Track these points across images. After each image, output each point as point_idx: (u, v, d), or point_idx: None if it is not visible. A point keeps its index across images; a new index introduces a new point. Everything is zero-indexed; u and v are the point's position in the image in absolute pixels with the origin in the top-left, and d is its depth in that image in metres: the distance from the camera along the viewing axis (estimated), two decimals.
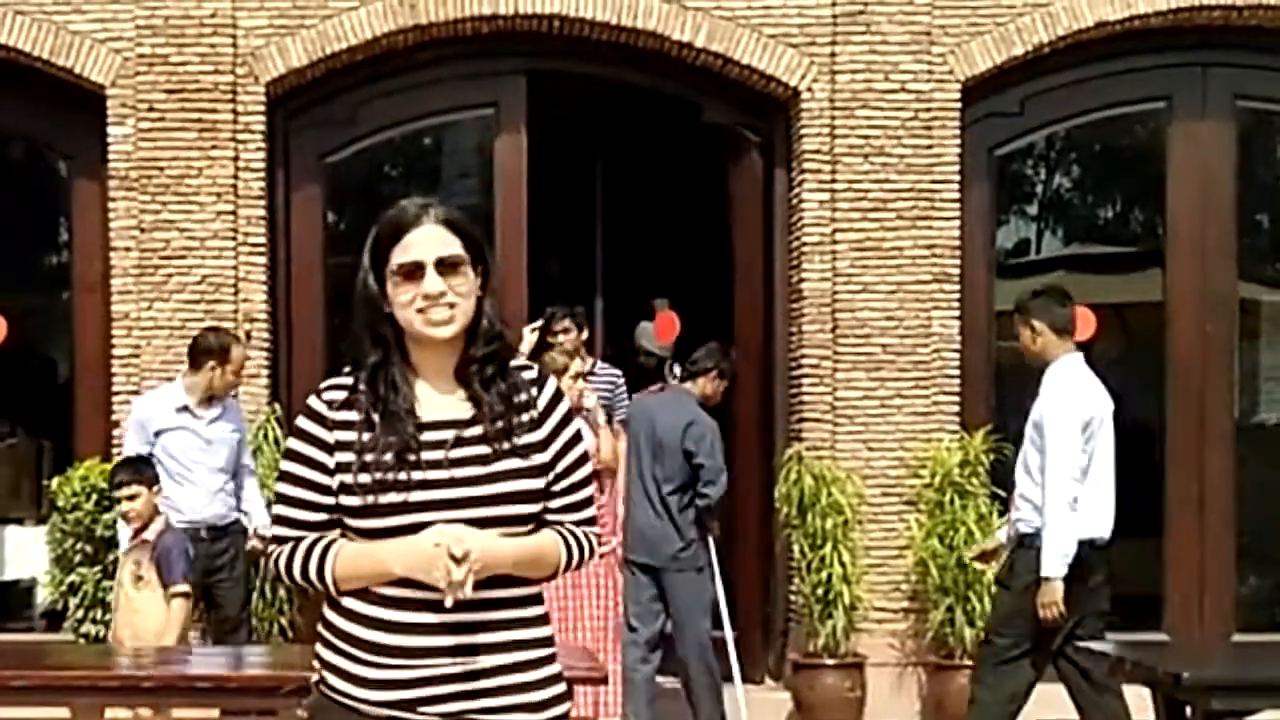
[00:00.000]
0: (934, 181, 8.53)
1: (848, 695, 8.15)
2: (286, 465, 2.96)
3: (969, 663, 8.07)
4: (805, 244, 8.58)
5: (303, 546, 2.91)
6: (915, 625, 8.43)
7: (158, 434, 7.22)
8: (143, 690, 5.30)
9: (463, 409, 2.90)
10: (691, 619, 7.68)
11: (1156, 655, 6.46)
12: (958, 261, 8.58)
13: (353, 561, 2.87)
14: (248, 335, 8.42)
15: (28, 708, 5.75)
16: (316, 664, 2.97)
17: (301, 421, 2.95)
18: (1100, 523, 6.42)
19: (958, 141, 8.57)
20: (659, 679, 7.92)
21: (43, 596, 8.89)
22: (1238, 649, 8.52)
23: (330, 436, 2.90)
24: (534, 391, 2.94)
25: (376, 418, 2.87)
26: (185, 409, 7.28)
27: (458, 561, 2.73)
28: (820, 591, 8.14)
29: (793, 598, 8.60)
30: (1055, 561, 6.21)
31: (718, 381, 7.90)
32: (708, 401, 7.84)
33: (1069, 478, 6.27)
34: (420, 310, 2.85)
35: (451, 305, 2.86)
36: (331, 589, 2.90)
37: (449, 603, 2.76)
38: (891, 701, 8.38)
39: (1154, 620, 8.91)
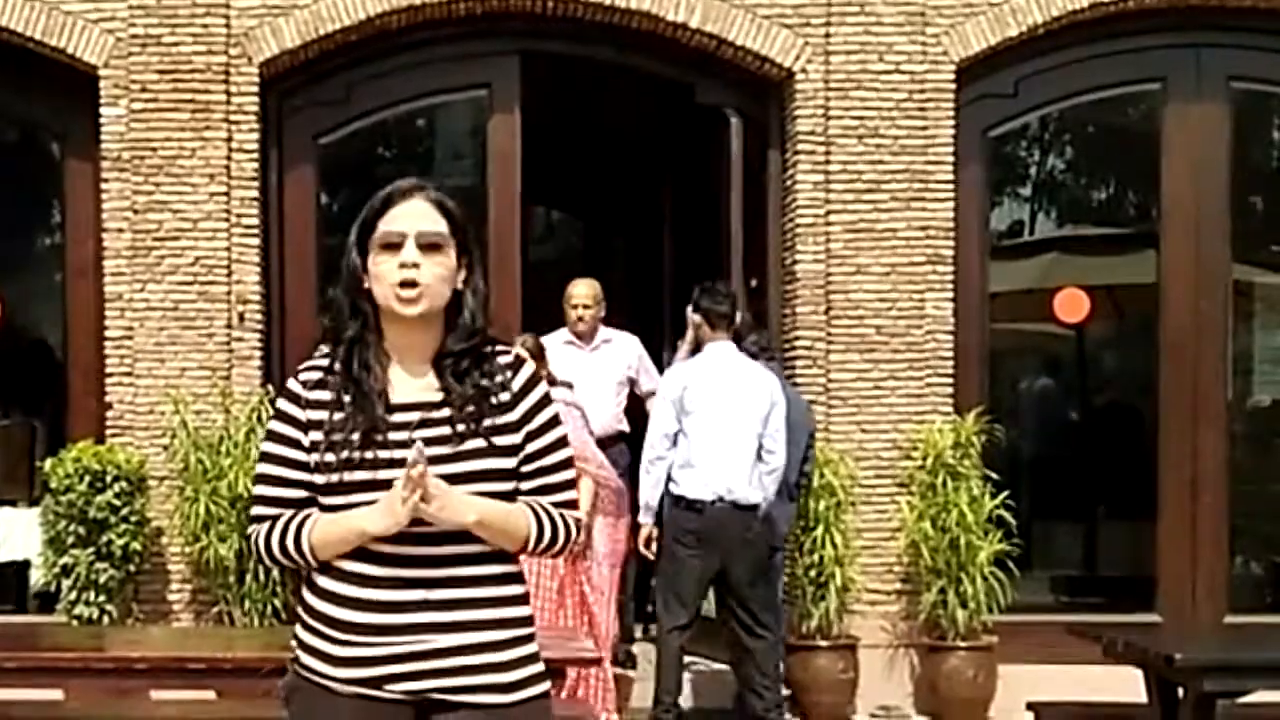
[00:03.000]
0: (928, 163, 8.52)
1: (840, 677, 8.17)
2: (265, 445, 3.02)
3: (962, 644, 8.12)
4: (799, 225, 8.57)
5: (280, 522, 2.96)
6: (907, 607, 8.44)
7: None
8: (136, 671, 5.31)
9: (433, 393, 2.93)
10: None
11: (1149, 636, 6.50)
12: (951, 243, 8.57)
13: (325, 527, 2.91)
14: (241, 317, 8.42)
15: (21, 689, 5.76)
16: (293, 643, 3.02)
17: (279, 402, 3.02)
18: (695, 486, 7.32)
19: (952, 123, 8.56)
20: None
21: (36, 578, 8.88)
22: (1230, 630, 8.55)
23: (304, 415, 2.96)
24: (509, 375, 2.96)
25: (347, 398, 2.90)
26: None
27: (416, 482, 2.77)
28: (813, 573, 8.15)
29: (785, 579, 8.59)
30: (641, 510, 7.46)
31: None
32: None
33: (650, 443, 7.43)
34: (393, 283, 2.87)
35: (424, 283, 2.87)
36: (310, 558, 2.94)
37: (407, 514, 2.78)
38: (884, 683, 8.40)
39: (1146, 601, 8.92)
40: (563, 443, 3.01)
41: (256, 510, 3.01)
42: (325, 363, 2.99)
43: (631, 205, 12.35)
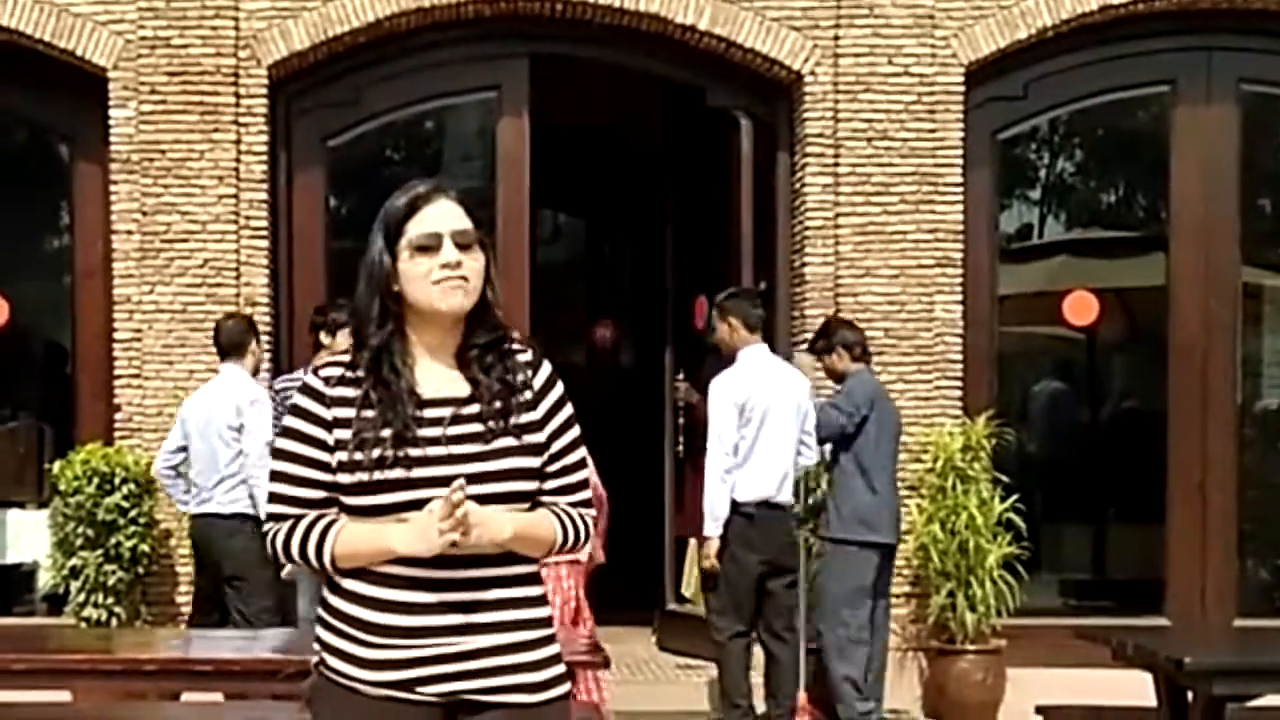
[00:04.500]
0: (937, 165, 8.51)
1: None
2: (284, 443, 2.97)
3: (971, 648, 8.09)
4: (808, 228, 8.56)
5: (302, 525, 2.92)
6: (917, 610, 8.42)
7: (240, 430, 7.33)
8: (145, 673, 5.31)
9: (461, 388, 2.92)
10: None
11: (1158, 640, 6.48)
12: (960, 246, 8.57)
13: (353, 540, 2.88)
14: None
15: (30, 691, 5.77)
16: (316, 646, 2.98)
17: (299, 399, 2.96)
18: (746, 490, 7.20)
19: (961, 125, 8.55)
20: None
21: (44, 580, 8.88)
22: (1239, 634, 8.52)
23: (329, 414, 2.92)
24: (529, 373, 2.96)
25: (376, 397, 2.88)
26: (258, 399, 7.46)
27: (453, 513, 2.74)
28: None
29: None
30: (708, 524, 7.21)
31: None
32: None
33: (721, 453, 7.17)
34: (436, 282, 2.87)
35: (466, 279, 2.88)
36: (329, 568, 2.91)
37: (443, 544, 2.75)
38: (893, 685, 8.35)
39: (1156, 605, 8.91)
40: (580, 441, 3.01)
41: (275, 509, 2.95)
42: (348, 359, 2.96)
43: (634, 207, 12.34)
